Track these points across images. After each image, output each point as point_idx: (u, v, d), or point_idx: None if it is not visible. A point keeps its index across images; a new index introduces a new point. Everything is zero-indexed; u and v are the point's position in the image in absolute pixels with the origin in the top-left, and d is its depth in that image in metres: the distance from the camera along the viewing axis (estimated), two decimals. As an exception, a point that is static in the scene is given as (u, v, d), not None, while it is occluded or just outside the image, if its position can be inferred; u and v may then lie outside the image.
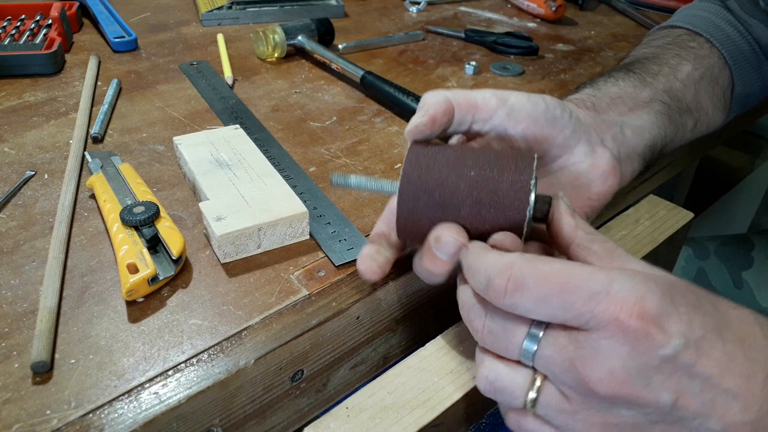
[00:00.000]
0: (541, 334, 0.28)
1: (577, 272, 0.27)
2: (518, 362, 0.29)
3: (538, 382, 0.29)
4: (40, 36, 0.69)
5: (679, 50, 0.52)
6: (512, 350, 0.29)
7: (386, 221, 0.38)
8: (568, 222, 0.32)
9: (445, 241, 0.32)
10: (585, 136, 0.39)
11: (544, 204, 0.33)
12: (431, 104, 0.36)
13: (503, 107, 0.37)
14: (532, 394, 0.29)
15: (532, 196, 0.31)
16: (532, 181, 0.32)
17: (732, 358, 0.26)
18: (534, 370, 0.29)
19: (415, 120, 0.35)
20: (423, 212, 0.33)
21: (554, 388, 0.28)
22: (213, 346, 0.33)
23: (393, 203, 0.38)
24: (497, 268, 0.28)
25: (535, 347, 0.28)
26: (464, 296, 0.31)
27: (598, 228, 0.47)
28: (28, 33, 0.70)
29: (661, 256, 0.48)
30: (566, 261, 0.29)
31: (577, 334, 0.27)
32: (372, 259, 0.35)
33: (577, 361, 0.27)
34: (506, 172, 0.32)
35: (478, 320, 0.30)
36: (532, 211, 0.32)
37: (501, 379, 0.30)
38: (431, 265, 0.33)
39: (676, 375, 0.26)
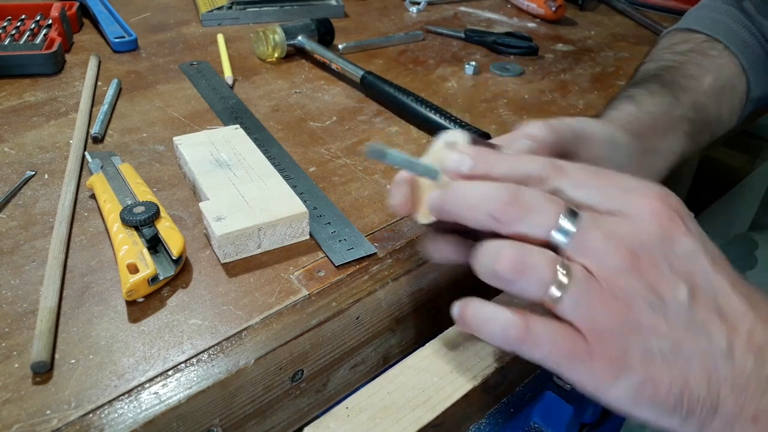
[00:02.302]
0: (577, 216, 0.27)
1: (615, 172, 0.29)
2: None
3: (561, 271, 0.27)
4: (40, 36, 0.69)
5: (702, 58, 0.52)
6: (547, 222, 0.27)
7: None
8: None
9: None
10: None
11: None
12: (537, 135, 0.35)
13: (596, 147, 0.38)
14: (563, 278, 0.26)
15: None
16: None
17: (750, 296, 0.27)
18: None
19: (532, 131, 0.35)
20: None
21: (582, 270, 0.27)
22: (213, 346, 0.33)
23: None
24: (540, 162, 0.29)
25: (575, 220, 0.27)
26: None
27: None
28: (28, 33, 0.70)
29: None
30: None
31: (614, 215, 0.28)
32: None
33: (619, 232, 0.27)
34: None
35: (506, 190, 0.27)
36: None
37: (532, 254, 0.27)
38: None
39: (693, 272, 0.27)
